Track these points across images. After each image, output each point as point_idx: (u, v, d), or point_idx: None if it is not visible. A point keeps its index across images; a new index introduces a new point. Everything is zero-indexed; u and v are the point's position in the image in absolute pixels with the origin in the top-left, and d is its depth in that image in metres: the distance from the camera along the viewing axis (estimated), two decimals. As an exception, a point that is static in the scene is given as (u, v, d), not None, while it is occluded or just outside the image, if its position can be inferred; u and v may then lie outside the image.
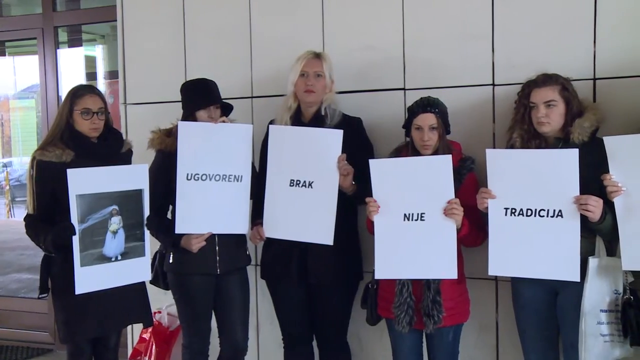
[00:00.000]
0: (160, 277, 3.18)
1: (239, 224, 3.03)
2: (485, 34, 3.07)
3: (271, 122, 3.13)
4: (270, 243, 3.06)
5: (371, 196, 2.71)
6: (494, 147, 2.99)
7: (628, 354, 2.56)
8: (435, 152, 2.74)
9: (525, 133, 2.69)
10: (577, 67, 2.85)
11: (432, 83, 3.15)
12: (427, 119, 2.73)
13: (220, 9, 3.68)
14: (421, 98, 2.82)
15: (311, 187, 2.90)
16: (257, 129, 3.13)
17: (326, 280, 3.03)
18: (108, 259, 2.81)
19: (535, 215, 2.51)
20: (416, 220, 2.65)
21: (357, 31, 3.35)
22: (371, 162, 2.70)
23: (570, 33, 2.92)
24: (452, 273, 2.63)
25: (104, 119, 2.97)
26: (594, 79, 2.88)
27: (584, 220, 2.45)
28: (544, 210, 2.50)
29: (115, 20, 4.01)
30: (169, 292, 3.18)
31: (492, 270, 2.60)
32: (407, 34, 3.24)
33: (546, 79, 2.64)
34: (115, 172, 2.85)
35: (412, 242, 2.66)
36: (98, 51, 5.83)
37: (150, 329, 3.60)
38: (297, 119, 3.08)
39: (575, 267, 2.46)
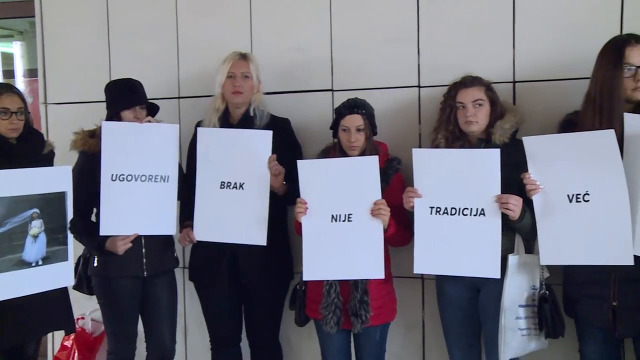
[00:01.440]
0: (84, 282, 3.10)
1: (166, 225, 2.98)
2: (411, 36, 3.13)
3: (199, 124, 3.11)
4: (199, 245, 3.02)
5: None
6: (420, 148, 3.05)
7: (543, 346, 2.66)
8: (362, 153, 2.77)
9: (449, 134, 2.74)
10: (498, 70, 2.94)
11: (359, 84, 3.19)
12: (354, 120, 2.76)
13: (146, 6, 3.61)
14: (348, 99, 2.84)
15: (242, 189, 2.88)
16: (184, 129, 3.09)
17: (257, 281, 3.02)
18: (28, 264, 2.71)
19: (459, 214, 2.57)
20: (343, 221, 2.67)
21: (285, 32, 3.35)
22: (299, 163, 2.70)
23: (492, 37, 3.01)
24: (379, 273, 2.66)
25: (23, 119, 2.87)
26: (514, 82, 2.98)
27: (504, 218, 2.52)
28: (467, 209, 2.55)
29: (33, 16, 3.87)
30: (93, 297, 3.10)
31: (418, 269, 2.64)
32: (335, 35, 3.27)
33: (473, 80, 2.71)
34: (35, 174, 2.75)
35: (340, 243, 2.67)
36: (16, 48, 5.60)
37: (72, 336, 3.49)
38: (226, 121, 3.06)
39: (496, 265, 2.52)
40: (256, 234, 2.85)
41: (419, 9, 3.11)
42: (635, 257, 2.32)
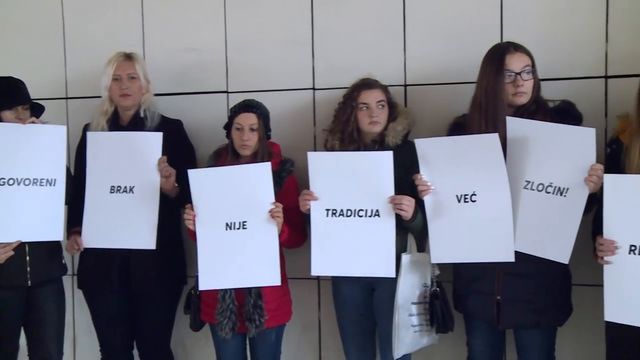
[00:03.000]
0: None
1: (53, 231, 2.83)
2: (305, 39, 3.15)
3: (86, 127, 3.00)
4: (88, 251, 2.90)
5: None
6: (315, 150, 3.08)
7: (434, 341, 2.74)
8: (255, 154, 2.77)
9: (347, 136, 2.77)
10: (389, 73, 3.00)
11: (254, 86, 3.18)
12: (248, 119, 2.75)
13: (29, 3, 3.44)
14: (244, 100, 2.84)
15: (132, 192, 2.81)
16: (73, 131, 3.00)
17: (149, 286, 2.95)
18: None
19: (354, 216, 2.60)
20: (238, 228, 2.65)
21: (179, 32, 3.29)
22: (190, 172, 2.66)
23: (384, 42, 3.07)
24: (275, 280, 2.65)
25: None
26: (405, 85, 3.06)
27: (397, 218, 2.58)
28: (362, 210, 2.59)
29: None
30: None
31: (315, 271, 2.65)
32: (230, 36, 3.24)
33: (374, 82, 2.78)
34: None
35: (235, 251, 2.65)
36: None
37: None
38: (115, 123, 2.98)
39: (391, 264, 2.57)
40: (145, 238, 2.78)
41: (313, 12, 3.14)
42: (516, 253, 2.44)
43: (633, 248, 2.25)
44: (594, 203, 2.39)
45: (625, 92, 2.48)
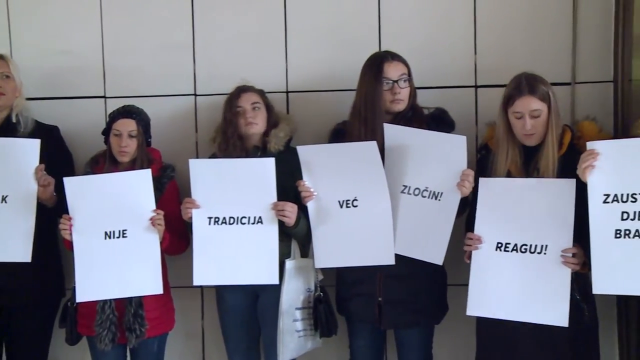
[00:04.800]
0: None
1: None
2: (186, 44, 3.11)
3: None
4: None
5: None
6: (197, 156, 3.05)
7: (318, 345, 2.79)
8: (134, 161, 2.71)
9: (227, 143, 2.76)
10: (272, 80, 3.02)
11: (134, 91, 3.10)
12: (127, 125, 2.69)
13: None
14: (123, 105, 2.77)
15: (5, 202, 2.67)
16: None
17: (21, 300, 2.80)
18: None
19: (237, 223, 2.59)
20: (118, 237, 2.58)
21: (50, 33, 3.14)
22: (65, 180, 2.57)
23: (266, 48, 3.09)
24: (157, 289, 2.60)
25: None
26: (287, 92, 3.08)
27: (280, 225, 2.59)
28: (245, 217, 2.59)
29: None
30: None
31: (197, 281, 2.63)
32: (107, 39, 3.14)
33: (249, 87, 2.80)
34: None
35: (115, 260, 2.58)
36: None
37: None
38: (-18, 129, 2.81)
39: (275, 271, 2.59)
40: (20, 250, 2.65)
41: (194, 16, 3.10)
42: (396, 255, 2.53)
43: (499, 245, 2.40)
44: (467, 206, 2.53)
45: (493, 101, 2.64)
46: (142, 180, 2.57)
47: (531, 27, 2.95)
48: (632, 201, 2.22)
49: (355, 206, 2.55)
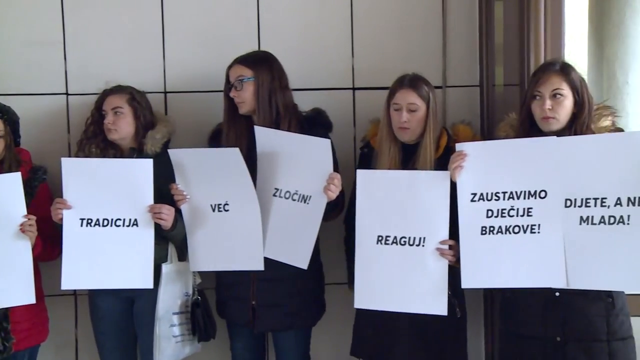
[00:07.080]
0: None
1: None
2: (56, 41, 2.98)
3: None
4: None
5: None
6: (70, 157, 2.93)
7: (197, 350, 2.76)
8: (1, 163, 2.58)
9: (102, 143, 2.70)
10: (149, 80, 2.96)
11: (0, 89, 2.94)
12: None
13: None
14: (-14, 105, 2.63)
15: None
16: None
17: None
18: None
19: (111, 225, 2.53)
20: None
21: None
22: None
23: (143, 47, 3.02)
24: (29, 298, 2.49)
25: None
26: (165, 92, 3.03)
27: (157, 228, 2.55)
28: (120, 219, 2.53)
29: None
30: None
31: (65, 285, 2.54)
32: (-31, 34, 2.96)
33: (116, 88, 2.73)
34: None
35: None
36: None
37: None
38: None
39: (149, 275, 2.54)
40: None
41: (64, 13, 2.99)
42: (269, 259, 2.53)
43: (380, 238, 2.44)
44: (340, 208, 2.57)
45: (369, 102, 2.72)
46: (11, 184, 2.44)
47: (404, 33, 3.06)
48: (495, 199, 2.33)
49: (227, 210, 2.55)
